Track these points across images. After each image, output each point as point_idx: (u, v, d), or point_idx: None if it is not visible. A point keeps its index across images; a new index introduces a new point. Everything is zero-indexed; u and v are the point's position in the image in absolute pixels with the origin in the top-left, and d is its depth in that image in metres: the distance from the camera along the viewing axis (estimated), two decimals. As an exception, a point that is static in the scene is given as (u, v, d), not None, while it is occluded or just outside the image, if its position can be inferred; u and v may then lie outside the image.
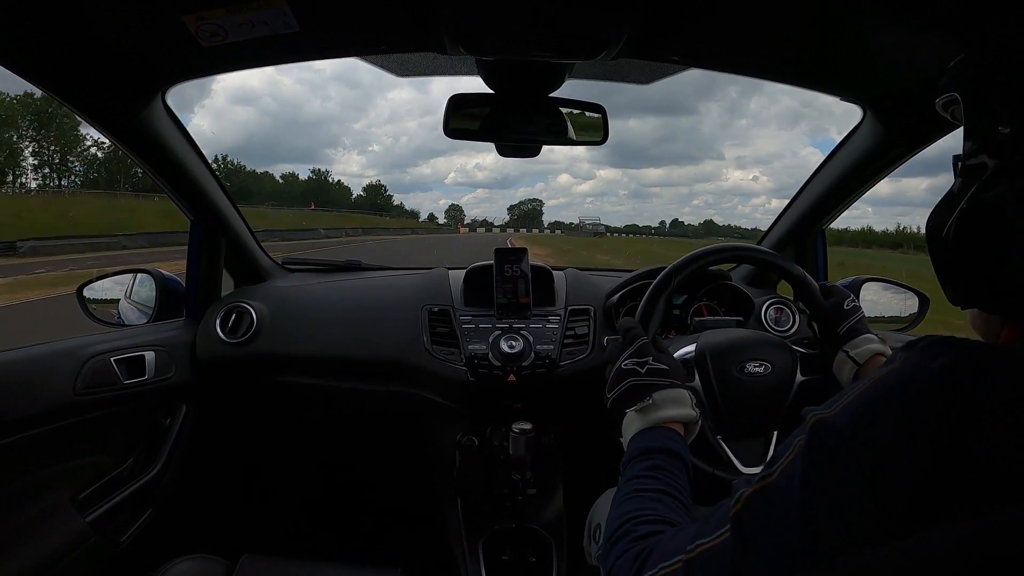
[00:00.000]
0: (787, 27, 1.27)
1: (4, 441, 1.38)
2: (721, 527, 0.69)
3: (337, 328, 2.04)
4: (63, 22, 1.19)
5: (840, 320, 1.36)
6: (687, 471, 0.97)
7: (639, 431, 1.05)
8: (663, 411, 1.05)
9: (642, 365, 1.12)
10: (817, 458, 0.63)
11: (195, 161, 1.79)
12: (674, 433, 1.03)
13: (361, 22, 1.31)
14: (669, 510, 0.87)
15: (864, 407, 0.63)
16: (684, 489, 0.93)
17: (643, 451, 0.99)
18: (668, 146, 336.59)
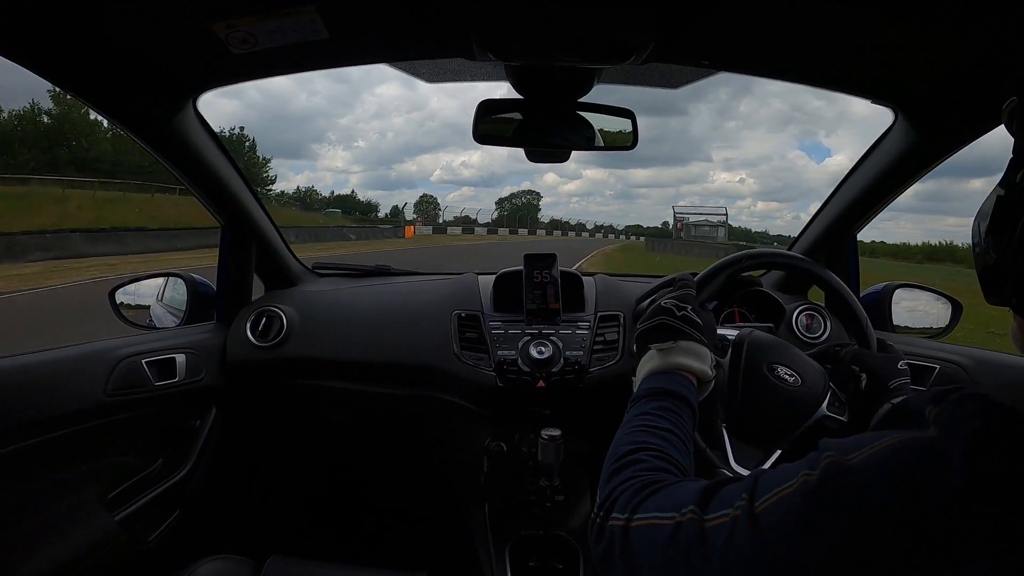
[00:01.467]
0: (817, 29, 1.24)
1: (36, 440, 1.41)
2: (719, 510, 0.69)
3: (366, 332, 2.05)
4: (96, 31, 1.21)
5: (893, 376, 1.34)
6: (694, 417, 1.02)
7: (654, 371, 1.09)
8: (683, 358, 1.09)
9: (680, 309, 1.15)
10: (825, 502, 0.61)
11: (226, 166, 1.81)
12: (688, 380, 1.07)
13: (390, 29, 1.31)
14: (677, 452, 0.89)
15: (889, 465, 0.60)
16: (689, 435, 0.96)
17: (657, 391, 1.02)
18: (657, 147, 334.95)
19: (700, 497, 0.72)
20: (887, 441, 0.62)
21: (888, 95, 1.55)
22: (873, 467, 0.60)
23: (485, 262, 2.86)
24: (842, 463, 0.62)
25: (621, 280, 2.22)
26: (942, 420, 0.60)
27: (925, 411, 0.62)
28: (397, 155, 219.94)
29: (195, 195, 1.86)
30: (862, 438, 0.64)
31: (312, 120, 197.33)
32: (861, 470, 0.61)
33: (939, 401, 0.62)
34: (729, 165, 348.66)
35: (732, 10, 1.18)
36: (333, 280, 2.40)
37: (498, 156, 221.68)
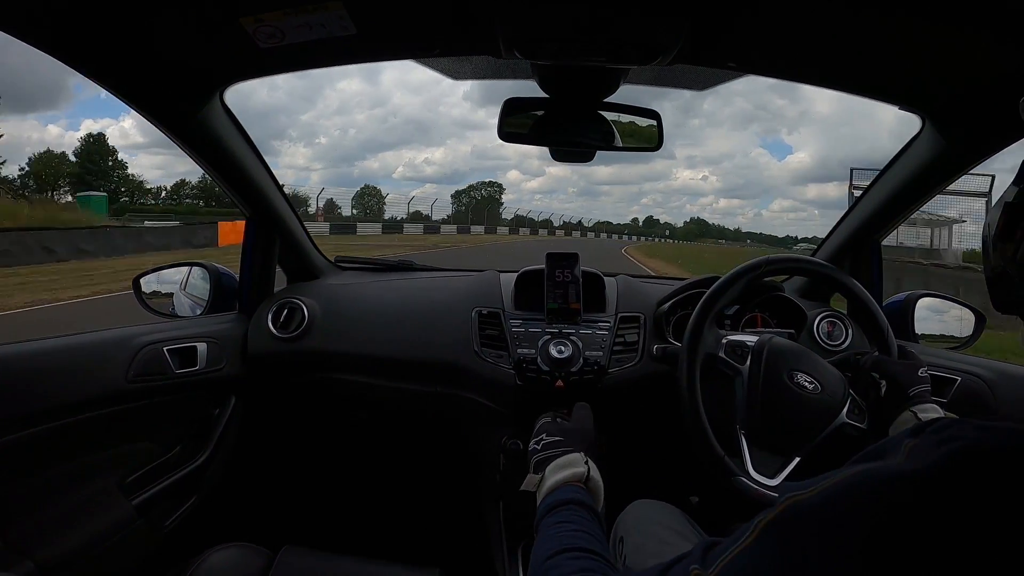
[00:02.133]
0: (845, 34, 1.23)
1: (58, 424, 1.43)
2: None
3: (387, 327, 2.05)
4: (127, 25, 1.22)
5: (913, 383, 1.33)
6: (598, 519, 1.03)
7: (545, 494, 1.13)
8: (555, 476, 1.13)
9: (539, 443, 1.25)
10: (781, 543, 0.57)
11: (252, 159, 1.83)
12: (573, 487, 1.10)
13: (417, 25, 1.32)
14: (592, 543, 0.92)
15: (843, 490, 0.56)
16: (598, 533, 0.98)
17: (553, 504, 1.06)
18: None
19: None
20: (848, 472, 0.57)
21: (916, 102, 1.53)
22: (826, 499, 0.56)
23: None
24: (799, 502, 0.58)
25: (643, 282, 2.22)
26: (916, 450, 0.56)
27: (902, 444, 0.58)
28: (359, 152, 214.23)
29: (221, 187, 1.87)
30: (825, 475, 0.60)
31: (273, 116, 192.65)
32: (816, 504, 0.57)
33: (917, 433, 0.59)
34: (692, 163, 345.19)
35: (760, 14, 1.17)
36: (356, 274, 2.41)
37: (461, 153, 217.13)
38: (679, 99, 72.33)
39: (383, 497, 2.51)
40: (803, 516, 0.57)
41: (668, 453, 2.06)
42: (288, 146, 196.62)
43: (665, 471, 2.18)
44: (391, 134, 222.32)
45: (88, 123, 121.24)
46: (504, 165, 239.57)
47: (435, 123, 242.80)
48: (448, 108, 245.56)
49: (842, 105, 67.45)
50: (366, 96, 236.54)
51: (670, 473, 2.16)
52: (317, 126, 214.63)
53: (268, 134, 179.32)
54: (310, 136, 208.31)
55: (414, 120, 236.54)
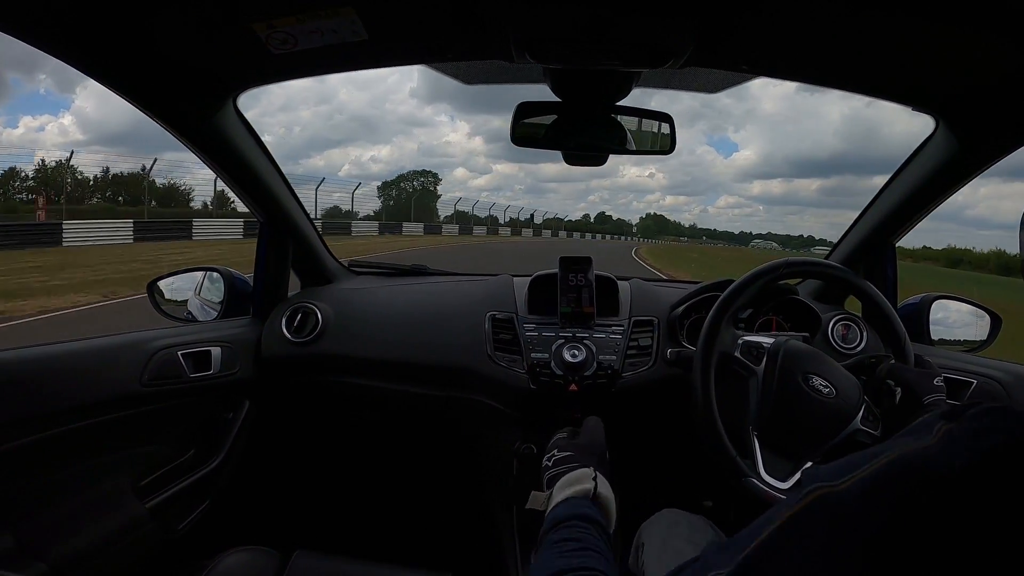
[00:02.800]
0: (858, 36, 1.22)
1: (72, 426, 1.44)
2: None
3: (401, 331, 2.06)
4: (141, 31, 1.23)
5: (928, 391, 1.33)
6: (606, 536, 1.00)
7: (553, 507, 1.10)
8: (561, 494, 1.11)
9: (550, 459, 1.24)
10: (811, 539, 0.53)
11: (265, 164, 1.84)
12: (582, 501, 1.08)
13: (428, 31, 1.32)
14: (598, 563, 0.88)
15: (879, 485, 0.51)
16: (607, 545, 0.96)
17: (560, 518, 1.03)
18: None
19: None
20: (882, 460, 0.53)
21: (929, 103, 1.51)
22: (862, 492, 0.52)
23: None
24: (833, 492, 0.53)
25: (657, 285, 2.21)
26: (952, 436, 0.51)
27: (934, 427, 0.53)
28: (304, 150, 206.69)
29: (234, 191, 1.88)
30: (852, 460, 0.56)
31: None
32: (849, 497, 0.52)
33: (953, 417, 0.53)
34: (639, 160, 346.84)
35: (772, 16, 1.17)
36: (369, 279, 2.42)
37: (408, 151, 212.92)
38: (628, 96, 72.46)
39: (396, 501, 2.51)
40: (834, 509, 0.53)
41: (681, 457, 2.05)
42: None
43: (678, 475, 2.17)
44: (337, 131, 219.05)
45: (27, 120, 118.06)
46: (451, 163, 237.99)
47: (382, 120, 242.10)
48: (395, 105, 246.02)
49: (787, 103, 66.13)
50: (312, 92, 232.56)
51: (683, 477, 2.15)
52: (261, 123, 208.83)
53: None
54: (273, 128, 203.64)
55: (360, 117, 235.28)
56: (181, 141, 1.60)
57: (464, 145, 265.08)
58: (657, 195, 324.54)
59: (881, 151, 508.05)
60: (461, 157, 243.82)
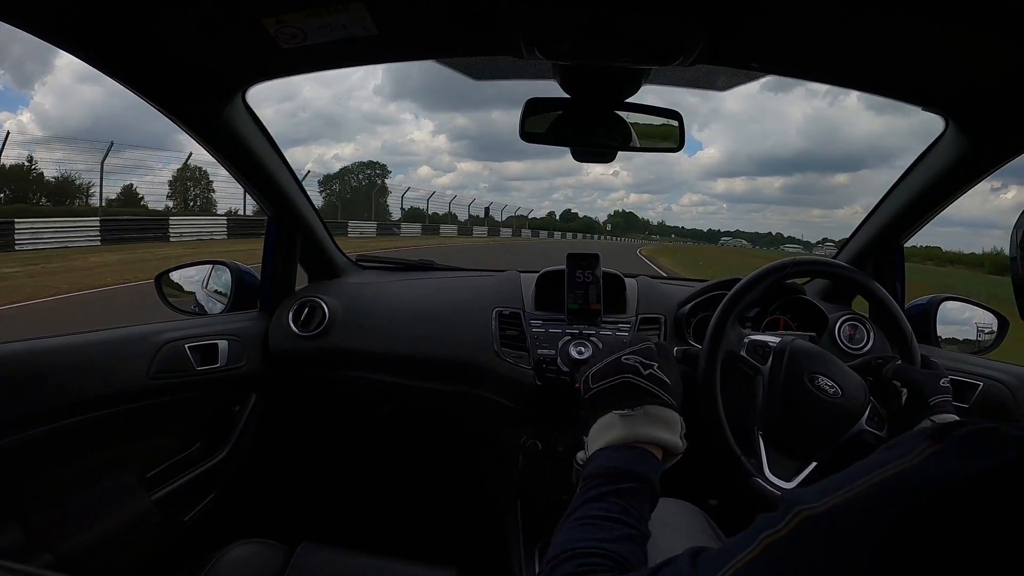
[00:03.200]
0: (868, 34, 1.21)
1: (79, 418, 1.45)
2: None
3: (408, 326, 2.06)
4: (151, 25, 1.23)
5: (934, 392, 1.31)
6: (653, 500, 0.87)
7: (614, 443, 0.93)
8: (650, 429, 0.93)
9: (645, 367, 0.99)
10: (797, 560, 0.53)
11: (274, 159, 1.84)
12: (652, 458, 0.91)
13: (438, 26, 1.32)
14: (626, 549, 0.77)
15: (873, 504, 0.51)
16: (644, 519, 0.83)
17: (614, 472, 0.87)
18: None
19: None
20: (870, 479, 0.53)
21: (939, 103, 1.50)
22: (849, 513, 0.52)
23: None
24: (815, 515, 0.54)
25: (663, 283, 2.21)
26: (941, 457, 0.51)
27: (917, 448, 0.53)
28: None
29: (243, 186, 1.89)
30: (834, 480, 0.56)
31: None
32: (836, 515, 0.53)
33: (939, 438, 0.52)
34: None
35: (782, 14, 1.16)
36: (376, 273, 2.42)
37: (372, 149, 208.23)
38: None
39: (400, 495, 2.52)
40: (821, 533, 0.53)
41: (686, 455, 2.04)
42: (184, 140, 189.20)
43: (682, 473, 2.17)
44: (300, 129, 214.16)
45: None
46: (415, 160, 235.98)
47: (345, 118, 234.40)
48: (359, 103, 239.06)
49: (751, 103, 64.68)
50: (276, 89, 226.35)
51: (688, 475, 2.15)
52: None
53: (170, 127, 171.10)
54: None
55: (324, 115, 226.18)
56: (190, 135, 1.61)
57: (428, 143, 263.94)
58: (621, 193, 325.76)
59: (843, 149, 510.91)
60: (425, 155, 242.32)
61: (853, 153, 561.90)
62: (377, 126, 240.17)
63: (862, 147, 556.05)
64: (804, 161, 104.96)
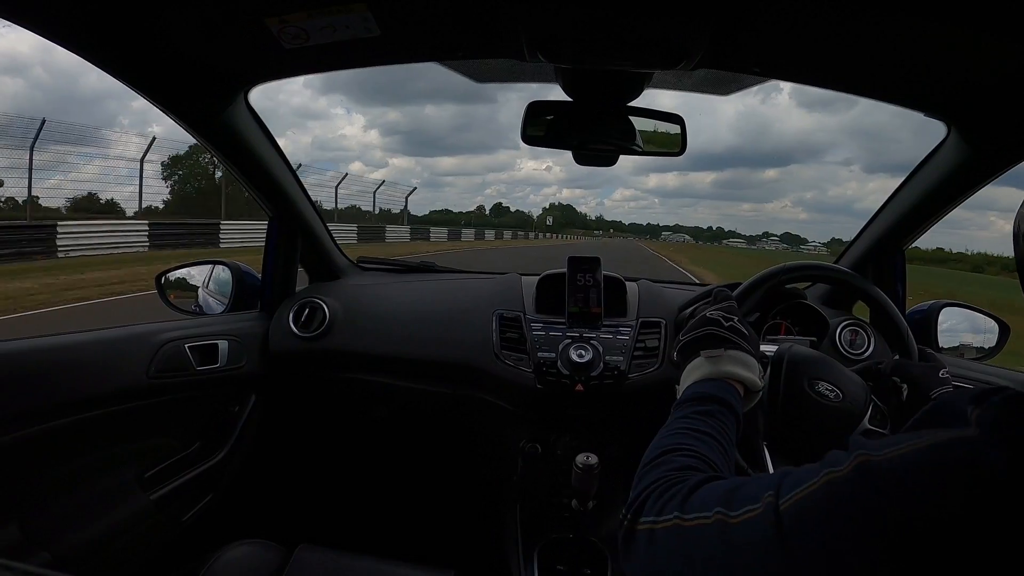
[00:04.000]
0: (870, 40, 1.21)
1: (78, 417, 1.45)
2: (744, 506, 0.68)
3: (408, 328, 2.06)
4: (153, 25, 1.23)
5: (935, 385, 1.31)
6: (738, 426, 1.00)
7: (702, 378, 1.08)
8: (732, 366, 1.08)
9: (727, 320, 1.16)
10: (853, 502, 0.59)
11: (275, 159, 1.84)
12: (735, 390, 1.06)
13: (441, 27, 1.32)
14: (714, 453, 0.87)
15: (926, 465, 0.56)
16: (731, 441, 0.94)
17: (700, 396, 1.01)
18: (464, 135, 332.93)
19: (726, 495, 0.71)
20: (925, 440, 0.58)
21: (941, 109, 1.50)
22: (909, 466, 0.57)
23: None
24: (873, 461, 0.59)
25: (664, 287, 2.20)
26: (985, 421, 0.56)
27: (967, 411, 0.58)
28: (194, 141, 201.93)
29: (244, 186, 1.89)
30: (898, 436, 0.61)
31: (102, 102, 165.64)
32: (896, 469, 0.57)
33: (982, 401, 0.59)
34: (536, 153, 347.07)
35: (785, 19, 1.16)
36: (377, 275, 2.42)
37: (302, 145, 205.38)
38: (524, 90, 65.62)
39: (399, 497, 2.52)
40: (878, 479, 0.58)
41: None
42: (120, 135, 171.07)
43: None
44: None
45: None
46: (347, 156, 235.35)
47: (274, 112, 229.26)
48: (288, 96, 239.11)
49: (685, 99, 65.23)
50: None
51: None
52: (150, 113, 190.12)
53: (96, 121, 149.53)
54: (143, 125, 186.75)
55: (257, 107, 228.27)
56: (192, 135, 1.61)
57: (360, 139, 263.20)
58: (554, 188, 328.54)
59: (773, 145, 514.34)
60: (357, 151, 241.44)
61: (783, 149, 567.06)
62: (308, 121, 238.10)
63: (792, 143, 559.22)
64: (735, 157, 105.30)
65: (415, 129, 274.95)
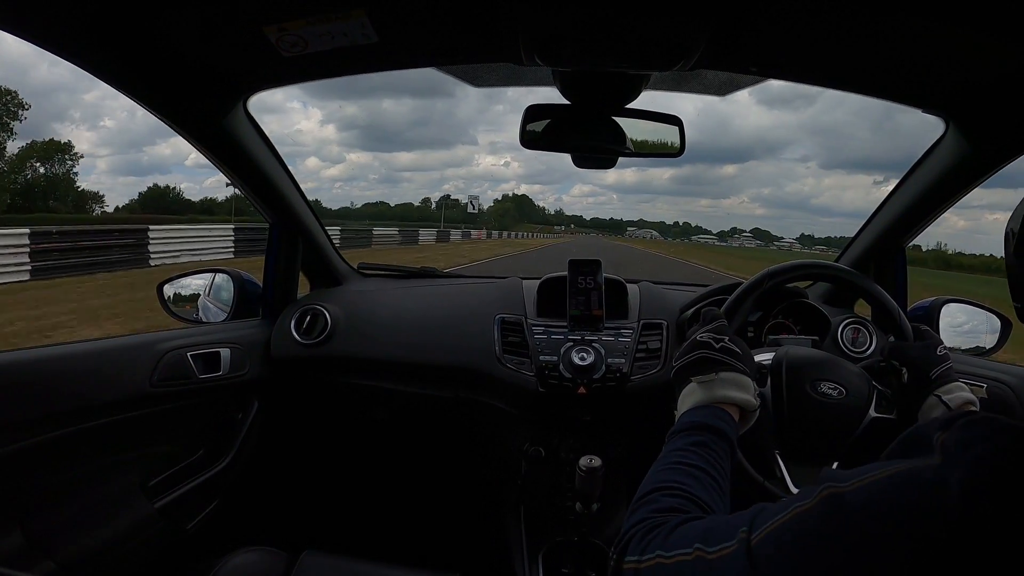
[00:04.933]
0: (867, 38, 1.21)
1: (83, 426, 1.45)
2: (721, 543, 0.69)
3: (410, 333, 2.07)
4: (152, 34, 1.24)
5: (933, 364, 1.30)
6: (732, 454, 0.99)
7: (694, 406, 1.08)
8: (725, 390, 1.08)
9: (717, 341, 1.15)
10: (818, 534, 0.60)
11: (275, 166, 1.85)
12: (728, 415, 1.05)
13: (439, 33, 1.32)
14: (702, 488, 0.87)
15: (886, 495, 0.57)
16: (724, 471, 0.94)
17: (693, 425, 1.01)
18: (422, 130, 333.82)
19: (704, 533, 0.72)
20: (888, 470, 0.59)
21: (940, 105, 1.50)
22: (873, 495, 0.58)
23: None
24: (839, 492, 0.61)
25: (666, 288, 2.20)
26: (947, 446, 0.57)
27: (932, 437, 0.60)
28: (148, 137, 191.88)
29: (244, 193, 1.89)
30: (866, 467, 0.62)
31: (53, 95, 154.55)
32: (861, 499, 0.58)
33: (947, 427, 0.60)
34: (495, 148, 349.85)
35: (783, 19, 1.16)
36: (378, 281, 2.43)
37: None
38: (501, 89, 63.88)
39: (404, 501, 2.51)
40: (842, 510, 0.59)
41: None
42: (71, 129, 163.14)
43: None
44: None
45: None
46: (303, 151, 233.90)
47: None
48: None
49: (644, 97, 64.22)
50: None
51: None
52: (102, 107, 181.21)
53: (47, 115, 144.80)
54: (94, 118, 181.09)
55: None
56: (192, 143, 1.62)
57: (316, 133, 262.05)
58: (513, 183, 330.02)
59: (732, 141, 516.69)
60: (313, 146, 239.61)
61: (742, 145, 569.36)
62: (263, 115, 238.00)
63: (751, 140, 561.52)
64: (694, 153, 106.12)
65: (372, 124, 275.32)
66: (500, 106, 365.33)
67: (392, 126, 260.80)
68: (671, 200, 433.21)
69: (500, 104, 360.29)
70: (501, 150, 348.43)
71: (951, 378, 1.29)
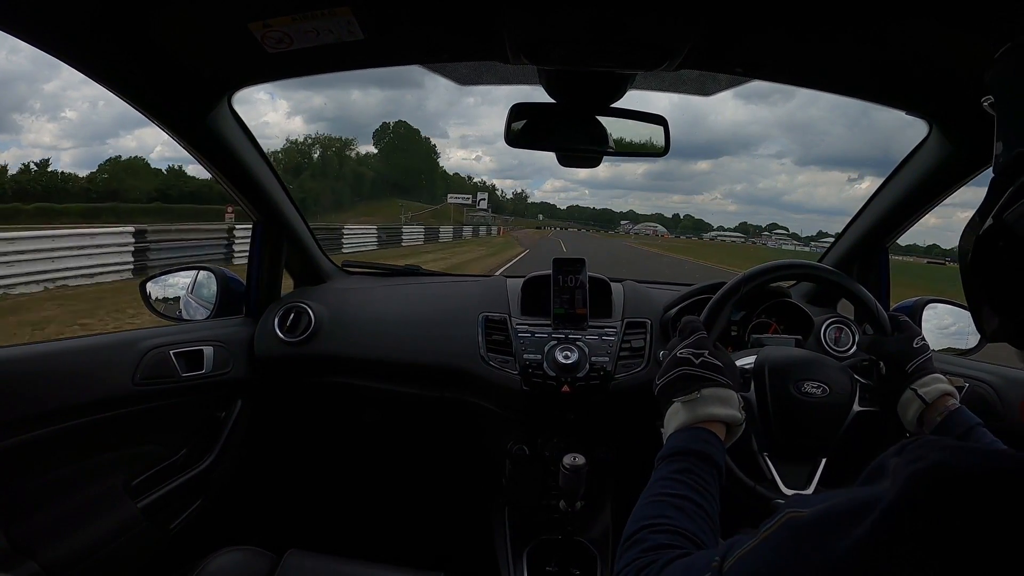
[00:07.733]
0: (852, 40, 1.22)
1: (65, 426, 1.44)
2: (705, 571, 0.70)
3: (394, 332, 2.06)
4: (136, 30, 1.23)
5: (909, 357, 1.30)
6: (719, 476, 0.98)
7: (679, 428, 1.06)
8: (708, 408, 1.06)
9: (697, 357, 1.13)
10: (777, 556, 0.62)
11: (259, 163, 1.83)
12: (713, 436, 1.04)
13: (425, 31, 1.32)
14: (688, 520, 0.87)
15: (838, 515, 0.59)
16: (710, 494, 0.94)
17: (677, 451, 1.00)
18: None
19: (685, 570, 0.74)
20: (847, 496, 0.60)
21: (923, 107, 1.52)
22: (818, 521, 0.60)
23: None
24: (798, 517, 0.62)
25: (650, 287, 2.21)
26: (896, 470, 0.59)
27: (889, 464, 0.61)
28: (112, 128, 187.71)
29: (229, 191, 1.88)
30: (827, 494, 0.65)
31: (11, 85, 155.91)
32: (817, 522, 0.60)
33: (900, 451, 0.61)
34: (466, 142, 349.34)
35: (768, 20, 1.17)
36: (362, 279, 2.42)
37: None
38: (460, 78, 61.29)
39: (388, 501, 2.51)
40: (797, 533, 0.61)
41: None
42: (32, 121, 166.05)
43: None
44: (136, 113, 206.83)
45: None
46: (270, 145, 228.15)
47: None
48: None
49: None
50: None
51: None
52: (64, 98, 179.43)
53: (6, 107, 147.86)
54: (56, 109, 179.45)
55: None
56: (176, 140, 1.60)
57: (283, 126, 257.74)
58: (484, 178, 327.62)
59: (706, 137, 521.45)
60: (281, 139, 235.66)
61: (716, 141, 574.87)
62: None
63: (725, 135, 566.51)
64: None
65: (340, 116, 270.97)
66: (471, 98, 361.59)
67: (360, 118, 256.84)
68: (643, 195, 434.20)
69: (471, 96, 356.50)
70: (473, 144, 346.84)
71: (928, 370, 1.29)
